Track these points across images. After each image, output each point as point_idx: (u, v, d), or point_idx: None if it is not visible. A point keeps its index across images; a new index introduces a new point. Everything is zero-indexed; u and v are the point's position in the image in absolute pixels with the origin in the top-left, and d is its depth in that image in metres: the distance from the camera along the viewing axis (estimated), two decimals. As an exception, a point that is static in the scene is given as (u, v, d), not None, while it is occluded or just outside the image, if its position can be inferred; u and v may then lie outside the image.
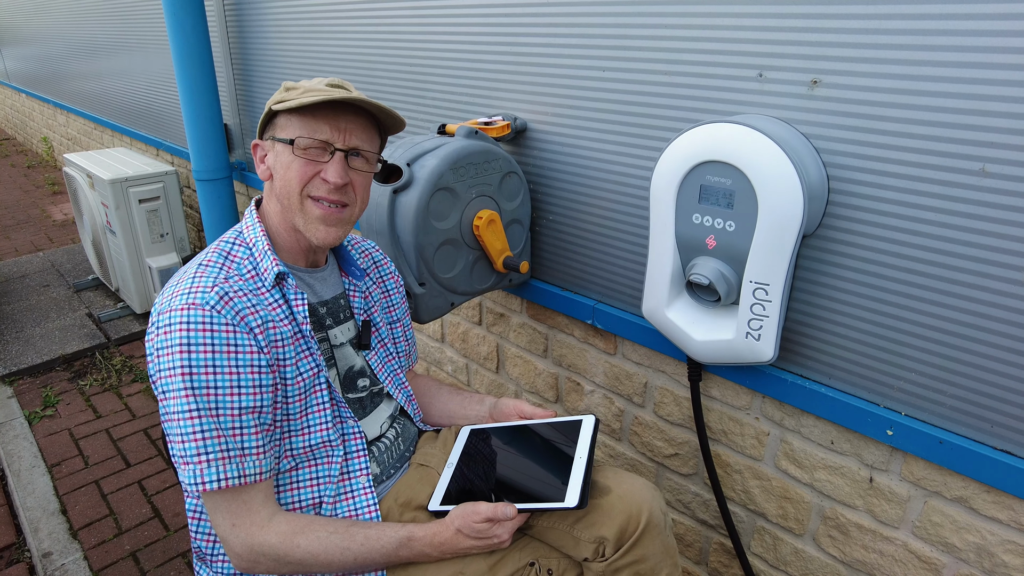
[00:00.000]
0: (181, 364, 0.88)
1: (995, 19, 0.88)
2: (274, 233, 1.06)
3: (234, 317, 0.92)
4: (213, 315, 0.90)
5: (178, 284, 0.94)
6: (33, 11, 5.00)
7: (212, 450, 0.89)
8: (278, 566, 0.96)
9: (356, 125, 1.00)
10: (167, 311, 0.90)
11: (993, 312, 0.98)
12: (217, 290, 0.93)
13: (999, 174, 0.92)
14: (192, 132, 2.63)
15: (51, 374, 2.71)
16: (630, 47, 1.31)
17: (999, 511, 1.05)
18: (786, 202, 1.03)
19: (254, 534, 0.94)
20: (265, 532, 0.95)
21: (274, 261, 1.01)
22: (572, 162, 1.51)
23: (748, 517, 1.44)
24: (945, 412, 1.07)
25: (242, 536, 0.94)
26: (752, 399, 1.35)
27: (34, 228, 4.52)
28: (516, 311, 1.86)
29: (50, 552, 1.82)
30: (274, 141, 1.00)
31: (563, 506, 0.97)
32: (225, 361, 0.90)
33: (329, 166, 0.98)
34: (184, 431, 0.89)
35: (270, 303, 0.99)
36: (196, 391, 0.88)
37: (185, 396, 0.88)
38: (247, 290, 0.97)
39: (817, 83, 1.06)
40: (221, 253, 1.01)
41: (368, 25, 1.95)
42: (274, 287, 1.01)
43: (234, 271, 0.99)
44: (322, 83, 1.01)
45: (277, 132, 1.00)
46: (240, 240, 1.04)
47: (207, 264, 0.98)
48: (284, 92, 0.99)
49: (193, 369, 0.88)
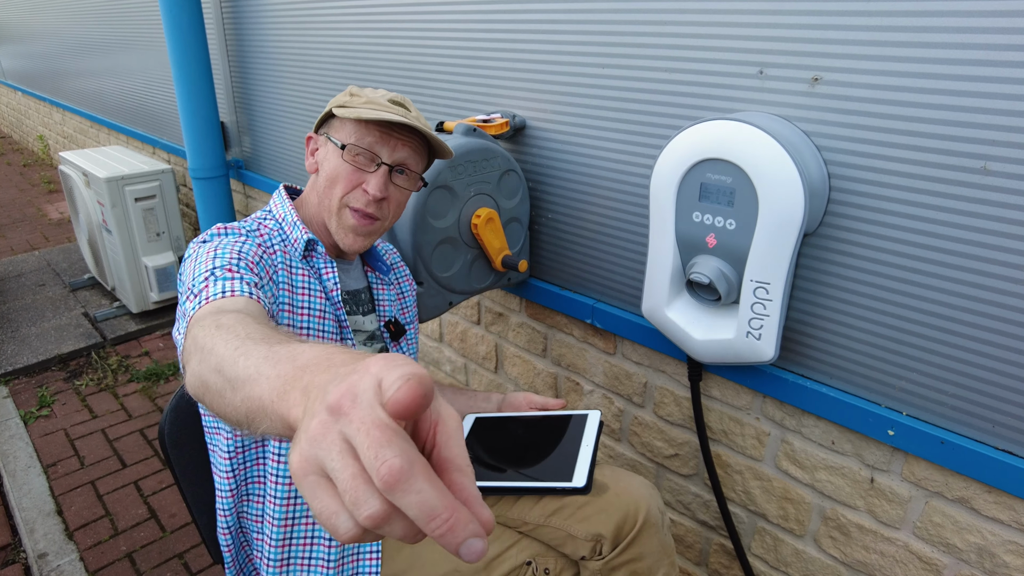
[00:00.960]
0: (195, 244, 0.92)
1: (997, 16, 0.87)
2: (309, 221, 1.08)
3: (263, 244, 0.97)
4: (242, 235, 0.96)
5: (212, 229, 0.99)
6: (29, 8, 4.98)
7: (196, 280, 0.83)
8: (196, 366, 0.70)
9: (407, 144, 1.01)
10: (201, 235, 0.96)
11: (995, 311, 0.98)
12: (249, 225, 0.99)
13: (1001, 172, 0.92)
14: (189, 130, 2.62)
15: (47, 374, 2.70)
16: (629, 44, 1.30)
17: (1001, 511, 1.05)
18: (787, 200, 1.02)
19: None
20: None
21: (303, 230, 1.03)
22: (571, 160, 1.50)
23: (748, 518, 1.44)
24: (946, 412, 1.07)
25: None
26: (752, 399, 1.35)
27: (30, 227, 4.50)
28: (515, 310, 1.85)
29: (46, 553, 1.81)
30: (328, 139, 1.02)
31: (570, 486, 0.97)
32: (231, 242, 0.91)
33: (372, 178, 0.99)
34: (185, 274, 0.86)
35: (299, 270, 1.01)
36: (198, 256, 0.88)
37: (193, 249, 0.91)
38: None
39: (818, 80, 1.06)
40: (253, 221, 1.04)
41: (365, 22, 1.94)
42: (303, 259, 1.02)
43: (265, 236, 1.02)
44: (384, 97, 1.02)
45: (332, 132, 1.02)
46: (270, 216, 1.07)
47: (243, 223, 1.03)
48: (348, 96, 1.02)
49: (205, 241, 0.92)
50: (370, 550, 1.05)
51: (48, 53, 4.99)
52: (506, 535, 1.07)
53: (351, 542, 0.36)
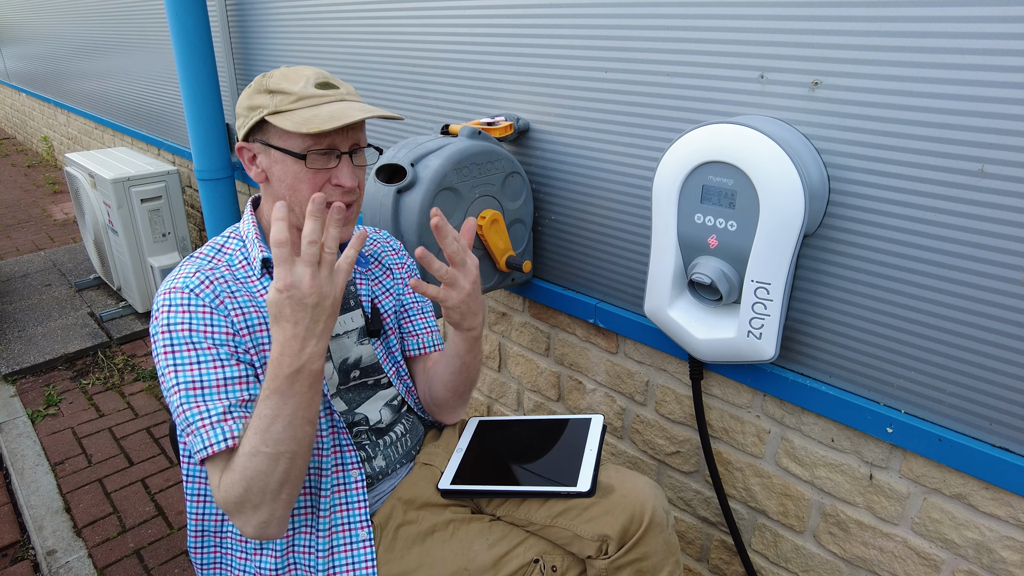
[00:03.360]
0: (164, 344, 0.92)
1: (994, 21, 0.89)
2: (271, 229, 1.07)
3: (213, 300, 0.96)
4: (191, 297, 0.95)
5: (170, 275, 1.00)
6: (33, 10, 5.00)
7: (193, 420, 0.90)
8: (235, 499, 0.88)
9: (354, 124, 0.99)
10: (156, 298, 0.97)
11: (992, 311, 0.99)
12: (199, 275, 0.97)
13: (998, 175, 0.94)
14: (194, 132, 2.64)
15: (53, 373, 2.72)
16: (632, 48, 1.32)
17: (998, 508, 1.07)
18: (787, 202, 1.04)
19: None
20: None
21: (260, 248, 1.04)
22: (574, 162, 1.52)
23: (749, 514, 1.46)
24: (944, 410, 1.09)
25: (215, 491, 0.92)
26: (753, 397, 1.37)
27: (35, 227, 4.52)
28: (518, 310, 1.87)
29: (54, 550, 1.83)
30: (270, 147, 0.97)
31: (575, 490, 0.99)
32: (203, 340, 0.93)
33: (340, 171, 0.98)
34: (175, 404, 0.91)
35: (259, 290, 1.03)
36: (178, 367, 0.91)
37: (170, 372, 0.91)
38: (235, 278, 1.02)
39: (818, 84, 1.07)
40: (214, 247, 1.06)
41: (371, 25, 1.96)
42: (263, 275, 1.04)
43: (224, 262, 1.03)
44: (310, 84, 0.97)
45: (272, 139, 0.97)
46: (235, 234, 1.09)
47: (198, 256, 1.04)
48: (268, 95, 0.96)
49: (175, 347, 0.92)
50: (365, 559, 1.06)
51: (52, 55, 5.02)
52: (513, 533, 1.08)
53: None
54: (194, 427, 0.90)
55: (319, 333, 0.83)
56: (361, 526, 1.06)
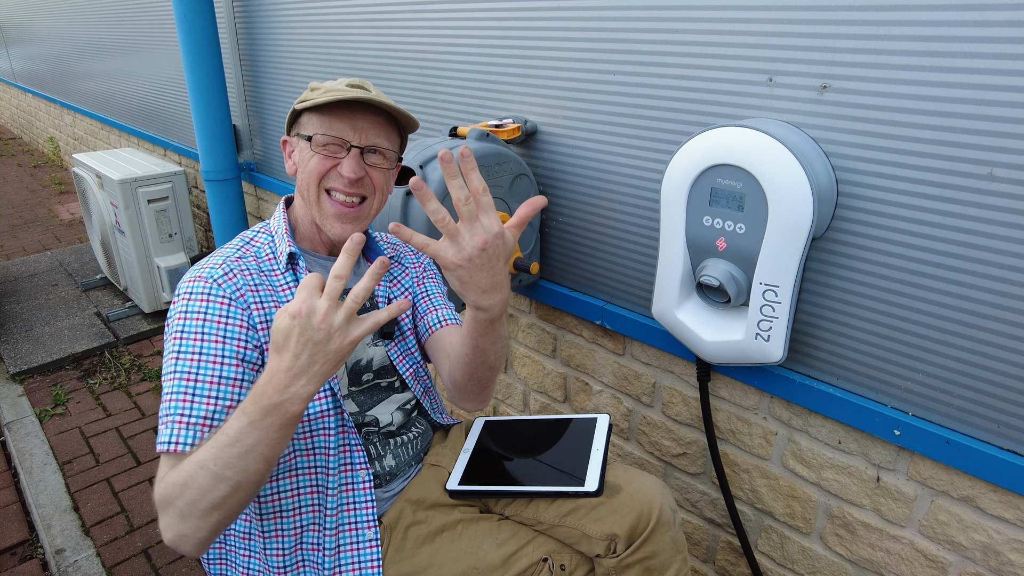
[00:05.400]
0: (176, 328, 0.94)
1: (1003, 26, 0.89)
2: (299, 225, 1.12)
3: (234, 292, 0.97)
4: (213, 287, 0.96)
5: (197, 263, 1.02)
6: (40, 11, 5.03)
7: (172, 412, 0.88)
8: (168, 499, 0.83)
9: (373, 123, 1.03)
10: (180, 284, 0.98)
11: (1000, 314, 1.00)
12: (224, 266, 1.00)
13: (1007, 178, 0.94)
14: (201, 133, 2.65)
15: (60, 373, 2.73)
16: (641, 51, 1.32)
17: (1005, 510, 1.07)
18: (796, 205, 1.05)
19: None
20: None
21: (288, 243, 1.06)
22: (582, 164, 1.53)
23: (755, 516, 1.46)
24: (952, 412, 1.09)
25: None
26: (760, 399, 1.37)
27: (41, 228, 4.54)
28: (525, 311, 1.88)
29: (63, 549, 1.84)
30: (298, 137, 1.06)
31: (583, 490, 0.99)
32: (214, 330, 0.94)
33: (344, 161, 1.02)
34: (165, 389, 0.92)
35: (281, 285, 1.04)
36: (180, 354, 0.92)
37: (172, 358, 0.92)
38: (260, 270, 1.03)
39: (826, 88, 1.08)
40: (244, 239, 1.09)
41: (379, 27, 1.96)
42: (287, 270, 1.06)
43: (251, 253, 1.06)
44: (343, 83, 1.05)
45: (300, 129, 1.06)
46: (265, 228, 1.11)
47: (227, 247, 1.06)
48: (309, 92, 1.04)
49: (184, 334, 0.93)
50: (371, 558, 1.06)
51: (59, 55, 5.04)
52: (522, 532, 1.09)
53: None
54: (171, 419, 0.88)
55: (312, 374, 0.78)
56: (368, 526, 1.07)
